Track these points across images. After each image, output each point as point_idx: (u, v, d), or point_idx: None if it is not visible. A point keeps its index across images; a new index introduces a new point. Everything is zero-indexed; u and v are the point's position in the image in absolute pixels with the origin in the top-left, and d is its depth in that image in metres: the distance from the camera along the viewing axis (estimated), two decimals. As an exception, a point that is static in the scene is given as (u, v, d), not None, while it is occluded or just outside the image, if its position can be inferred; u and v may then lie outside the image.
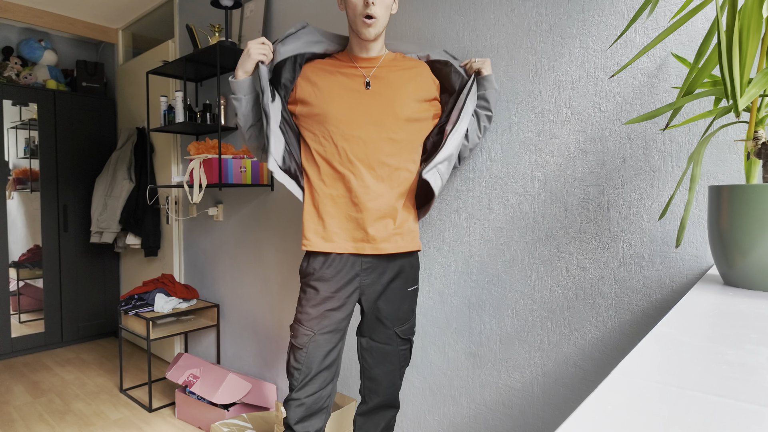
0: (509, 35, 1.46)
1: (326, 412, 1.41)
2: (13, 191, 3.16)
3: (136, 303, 2.55)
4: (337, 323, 1.36)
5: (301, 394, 1.35)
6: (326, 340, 1.35)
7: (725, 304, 0.68)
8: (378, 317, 1.41)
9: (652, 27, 1.20)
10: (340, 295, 1.36)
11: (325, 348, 1.36)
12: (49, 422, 2.29)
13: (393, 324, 1.41)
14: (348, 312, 1.39)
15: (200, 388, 2.20)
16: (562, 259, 1.37)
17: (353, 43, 1.37)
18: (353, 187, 1.32)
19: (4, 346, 3.13)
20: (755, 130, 0.82)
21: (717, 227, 0.79)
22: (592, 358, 1.32)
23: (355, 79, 1.35)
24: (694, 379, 0.41)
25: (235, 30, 2.42)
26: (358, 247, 1.35)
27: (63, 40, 3.65)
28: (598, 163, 1.30)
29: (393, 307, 1.41)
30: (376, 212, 1.33)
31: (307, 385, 1.35)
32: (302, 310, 1.37)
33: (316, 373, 1.35)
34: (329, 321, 1.35)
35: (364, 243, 1.34)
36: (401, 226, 1.37)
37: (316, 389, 1.36)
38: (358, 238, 1.34)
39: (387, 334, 1.42)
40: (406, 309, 1.44)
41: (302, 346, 1.34)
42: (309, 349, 1.34)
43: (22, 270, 3.22)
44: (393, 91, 1.34)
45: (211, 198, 2.71)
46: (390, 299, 1.40)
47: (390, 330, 1.42)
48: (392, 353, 1.43)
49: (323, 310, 1.35)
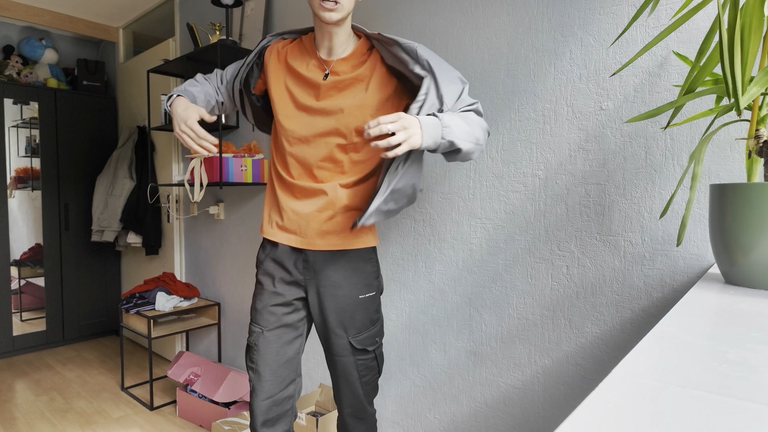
0: (510, 33, 1.46)
1: (291, 414, 1.34)
2: (14, 190, 3.17)
3: (137, 301, 2.55)
4: (284, 318, 1.30)
5: (259, 397, 1.28)
6: (277, 336, 1.29)
7: (726, 303, 0.68)
8: (329, 328, 1.30)
9: (654, 25, 1.20)
10: (282, 291, 1.30)
11: (276, 344, 1.29)
12: (51, 420, 2.29)
13: (347, 333, 1.29)
14: (296, 308, 1.32)
15: (201, 387, 2.20)
16: (563, 257, 1.37)
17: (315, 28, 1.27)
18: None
19: (6, 344, 3.14)
20: (757, 129, 0.81)
21: (718, 226, 0.79)
22: (593, 356, 1.32)
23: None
24: (695, 378, 0.41)
25: (236, 28, 2.42)
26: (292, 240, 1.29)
27: (64, 38, 3.65)
28: (599, 162, 1.29)
29: (344, 316, 1.29)
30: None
31: (264, 386, 1.28)
32: (252, 306, 1.33)
33: (270, 373, 1.28)
34: (276, 318, 1.29)
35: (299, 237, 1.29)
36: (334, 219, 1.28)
37: (274, 391, 1.29)
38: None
39: (339, 344, 1.29)
40: (361, 318, 1.30)
41: (253, 344, 1.30)
42: (260, 347, 1.28)
43: (24, 268, 3.22)
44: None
45: (212, 196, 2.71)
46: (339, 308, 1.29)
47: (343, 338, 1.29)
48: (349, 365, 1.30)
49: (268, 305, 1.29)
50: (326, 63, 1.26)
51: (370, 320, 1.32)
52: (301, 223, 1.28)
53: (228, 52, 2.19)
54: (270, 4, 2.28)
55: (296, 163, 1.29)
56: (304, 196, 1.29)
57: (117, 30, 3.63)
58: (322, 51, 1.27)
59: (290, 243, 1.29)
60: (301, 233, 1.29)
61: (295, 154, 1.29)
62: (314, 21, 1.25)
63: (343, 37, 1.24)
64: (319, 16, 1.17)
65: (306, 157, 1.28)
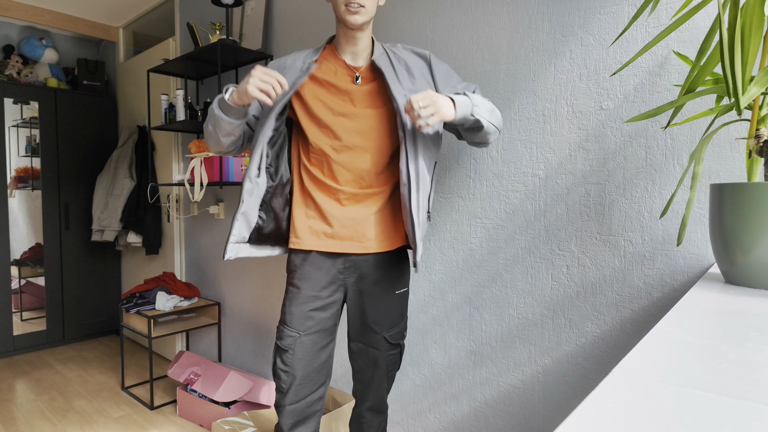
0: (510, 33, 1.46)
1: (319, 415, 1.37)
2: (14, 189, 3.17)
3: (138, 301, 2.55)
4: (322, 323, 1.32)
5: (292, 399, 1.30)
6: (313, 341, 1.31)
7: (726, 303, 0.68)
8: (365, 321, 1.36)
9: (654, 25, 1.20)
10: (323, 294, 1.31)
11: (312, 349, 1.31)
12: (51, 420, 2.29)
13: (381, 329, 1.36)
14: (333, 312, 1.34)
15: (201, 386, 2.20)
16: (563, 257, 1.37)
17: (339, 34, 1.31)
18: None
19: (6, 344, 3.14)
20: (757, 128, 0.81)
21: (718, 225, 0.79)
22: (593, 356, 1.32)
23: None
24: (695, 377, 0.41)
25: (236, 28, 2.42)
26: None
27: (64, 38, 3.65)
28: (600, 161, 1.29)
29: (379, 311, 1.35)
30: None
31: (297, 389, 1.30)
32: (286, 310, 1.32)
33: (304, 376, 1.30)
34: (315, 322, 1.31)
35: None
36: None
37: (306, 393, 1.31)
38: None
39: (375, 339, 1.36)
40: (395, 313, 1.37)
41: (287, 347, 1.29)
42: (295, 351, 1.29)
43: (24, 268, 3.23)
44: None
45: (212, 196, 2.71)
46: (375, 303, 1.34)
47: (378, 334, 1.36)
48: (380, 358, 1.37)
49: (306, 310, 1.30)
50: (354, 68, 1.30)
51: (401, 315, 1.39)
52: (357, 228, 1.31)
53: (228, 52, 2.18)
54: (270, 4, 2.28)
55: (343, 169, 1.30)
56: (355, 202, 1.31)
57: (117, 29, 3.63)
58: (347, 57, 1.31)
59: (345, 250, 1.31)
60: (357, 239, 1.31)
61: (341, 161, 1.30)
62: (338, 28, 1.30)
63: (366, 41, 1.30)
64: (346, 20, 1.22)
65: (354, 163, 1.30)
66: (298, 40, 2.14)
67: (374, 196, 1.33)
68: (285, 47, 2.20)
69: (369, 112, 1.29)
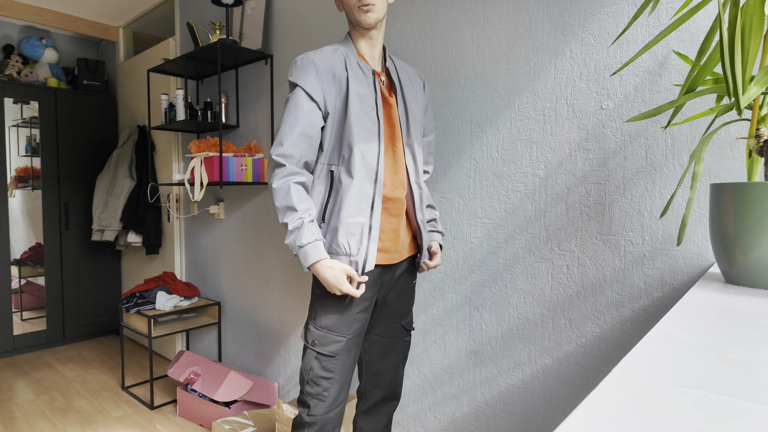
0: (510, 32, 1.46)
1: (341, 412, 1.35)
2: (14, 189, 3.17)
3: (138, 301, 2.55)
4: (365, 324, 1.29)
5: (331, 406, 1.23)
6: (356, 344, 1.27)
7: (726, 302, 0.68)
8: (386, 312, 1.39)
9: (654, 24, 1.20)
10: (367, 295, 1.27)
11: (355, 352, 1.27)
12: (51, 419, 2.29)
13: (400, 317, 1.41)
14: (371, 311, 1.33)
15: (202, 386, 2.20)
16: (563, 256, 1.37)
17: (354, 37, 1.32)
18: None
19: (7, 343, 3.14)
20: (757, 128, 0.81)
21: (718, 225, 0.79)
22: (593, 356, 1.32)
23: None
24: (695, 377, 0.41)
25: (236, 28, 2.42)
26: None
27: (64, 38, 3.65)
28: (600, 161, 1.29)
29: (401, 300, 1.40)
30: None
31: (339, 393, 1.24)
32: (327, 314, 1.23)
33: (346, 380, 1.25)
34: (360, 324, 1.26)
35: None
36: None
37: (344, 397, 1.27)
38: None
39: (393, 328, 1.40)
40: (409, 301, 1.44)
41: (334, 353, 1.22)
42: (341, 357, 1.22)
43: (24, 268, 3.23)
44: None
45: (212, 196, 2.71)
46: (399, 293, 1.40)
47: (397, 324, 1.40)
48: (397, 345, 1.42)
49: (354, 313, 1.24)
50: (376, 73, 1.31)
51: (412, 301, 1.47)
52: (396, 239, 1.32)
53: (228, 52, 2.18)
54: (270, 4, 2.28)
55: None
56: (397, 213, 1.31)
57: (117, 29, 3.63)
58: (369, 59, 1.32)
59: (389, 262, 1.31)
60: (399, 251, 1.33)
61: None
62: (354, 33, 1.30)
63: (381, 44, 1.33)
64: (360, 20, 1.23)
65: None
66: (298, 40, 2.14)
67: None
68: (285, 47, 2.20)
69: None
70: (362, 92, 1.24)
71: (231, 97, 2.53)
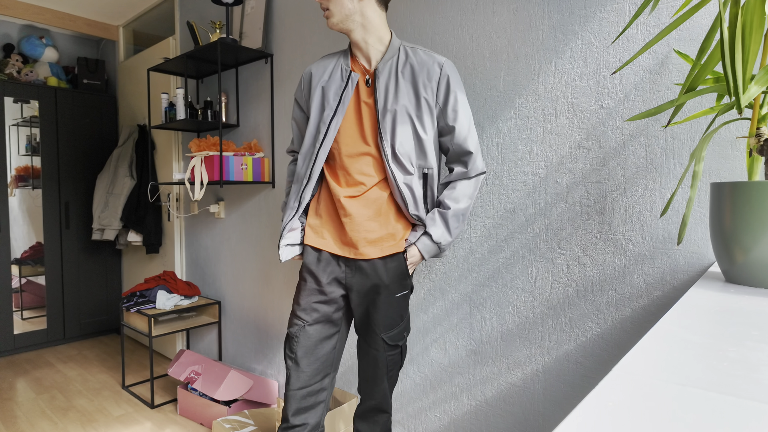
0: (511, 32, 1.46)
1: (322, 407, 1.40)
2: (14, 188, 3.17)
3: (138, 300, 2.55)
4: (327, 315, 1.37)
5: (294, 385, 1.36)
6: (317, 331, 1.36)
7: (727, 302, 0.68)
8: (368, 322, 1.38)
9: (655, 23, 1.19)
10: (326, 290, 1.36)
11: (316, 338, 1.36)
12: (52, 418, 2.30)
13: (380, 330, 1.36)
14: (338, 307, 1.38)
15: (202, 385, 2.20)
16: (563, 256, 1.37)
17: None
18: None
19: (7, 342, 3.14)
20: (758, 127, 0.81)
21: (719, 224, 0.79)
22: (593, 355, 1.32)
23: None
24: (696, 376, 0.41)
25: (236, 27, 2.41)
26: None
27: (64, 37, 3.65)
28: (600, 160, 1.29)
29: (379, 313, 1.35)
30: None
31: (299, 375, 1.36)
32: (295, 300, 1.40)
33: (308, 364, 1.35)
34: (320, 315, 1.36)
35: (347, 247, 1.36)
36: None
37: (308, 381, 1.36)
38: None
39: (375, 340, 1.38)
40: (393, 315, 1.37)
41: (294, 335, 1.36)
42: (300, 339, 1.35)
43: (24, 267, 3.23)
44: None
45: (213, 195, 2.71)
46: (377, 306, 1.35)
47: (377, 336, 1.37)
48: (380, 358, 1.39)
49: (312, 302, 1.36)
50: (366, 71, 1.34)
51: (400, 316, 1.39)
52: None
53: (228, 51, 2.18)
54: (270, 3, 2.28)
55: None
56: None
57: (117, 28, 3.63)
58: (362, 60, 1.35)
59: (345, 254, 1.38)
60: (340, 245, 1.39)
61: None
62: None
63: (372, 42, 1.32)
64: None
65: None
66: (298, 39, 2.13)
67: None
68: (285, 46, 2.20)
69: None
70: (328, 97, 1.34)
71: (231, 96, 2.53)
